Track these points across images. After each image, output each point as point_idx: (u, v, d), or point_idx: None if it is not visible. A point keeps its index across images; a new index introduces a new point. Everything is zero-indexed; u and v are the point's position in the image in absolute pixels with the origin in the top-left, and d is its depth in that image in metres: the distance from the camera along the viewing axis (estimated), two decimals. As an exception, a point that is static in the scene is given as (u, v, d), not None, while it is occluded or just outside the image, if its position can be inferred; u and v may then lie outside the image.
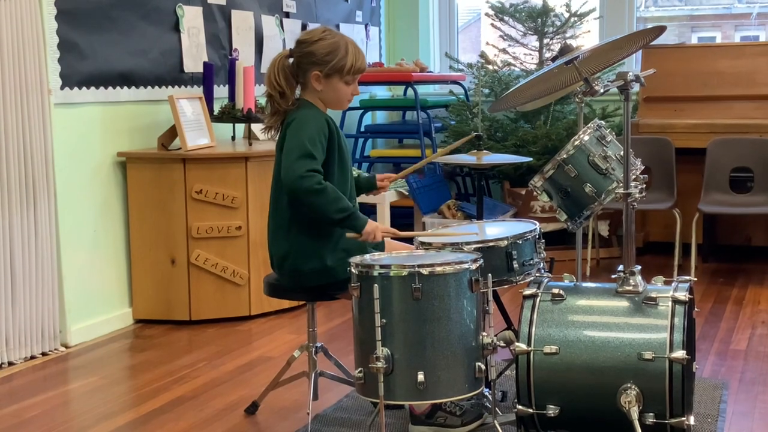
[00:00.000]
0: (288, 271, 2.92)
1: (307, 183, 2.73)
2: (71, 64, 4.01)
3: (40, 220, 3.86)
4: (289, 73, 2.92)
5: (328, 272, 2.87)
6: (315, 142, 2.79)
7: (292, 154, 2.77)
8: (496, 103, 3.21)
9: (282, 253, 2.92)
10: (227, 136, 4.88)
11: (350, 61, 2.89)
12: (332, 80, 2.90)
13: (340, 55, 2.88)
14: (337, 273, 2.84)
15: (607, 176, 2.88)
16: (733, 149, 5.22)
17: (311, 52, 2.90)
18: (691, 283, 2.65)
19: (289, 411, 3.20)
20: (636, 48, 3.05)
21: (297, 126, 2.84)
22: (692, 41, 7.35)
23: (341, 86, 2.92)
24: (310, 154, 2.76)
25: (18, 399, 3.39)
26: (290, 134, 2.83)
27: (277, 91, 2.91)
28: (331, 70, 2.89)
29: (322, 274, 2.87)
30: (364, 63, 2.95)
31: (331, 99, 2.95)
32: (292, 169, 2.74)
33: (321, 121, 2.88)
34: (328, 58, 2.88)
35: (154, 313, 4.40)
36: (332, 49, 2.88)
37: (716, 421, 3.00)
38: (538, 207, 5.55)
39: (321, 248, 2.87)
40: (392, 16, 6.87)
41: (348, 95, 2.96)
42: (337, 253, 2.87)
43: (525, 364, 2.57)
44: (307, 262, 2.87)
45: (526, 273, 2.84)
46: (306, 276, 2.88)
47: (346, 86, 2.93)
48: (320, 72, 2.89)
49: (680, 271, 4.93)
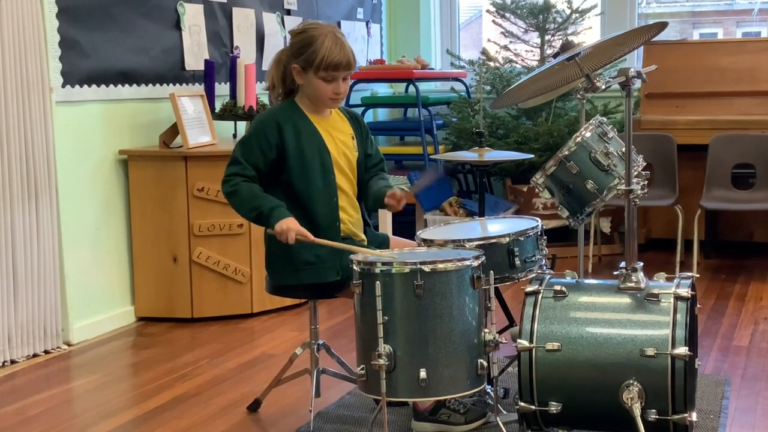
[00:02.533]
0: (282, 270, 2.95)
1: (225, 188, 2.86)
2: (72, 62, 4.01)
3: (42, 218, 3.87)
4: (281, 67, 2.96)
5: (323, 271, 2.87)
6: (249, 145, 2.89)
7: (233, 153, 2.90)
8: (498, 100, 3.21)
9: (273, 250, 2.95)
10: (229, 133, 4.88)
11: (321, 55, 2.82)
12: (309, 74, 2.89)
13: (313, 48, 2.84)
14: (331, 273, 2.86)
15: (609, 173, 2.87)
16: (735, 145, 5.21)
17: (291, 43, 2.94)
18: (693, 279, 2.64)
19: (291, 408, 3.20)
20: (637, 44, 3.04)
21: (250, 126, 2.96)
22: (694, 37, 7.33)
23: (317, 82, 2.87)
24: (236, 160, 2.87)
25: (21, 397, 3.39)
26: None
27: (271, 83, 2.99)
28: (305, 63, 2.87)
29: (318, 272, 2.87)
30: (339, 59, 2.83)
31: (311, 94, 2.93)
32: (225, 174, 2.88)
33: (268, 122, 2.89)
34: (302, 51, 2.88)
35: (156, 310, 4.40)
36: (308, 42, 2.86)
37: (719, 418, 3.00)
38: (539, 204, 5.54)
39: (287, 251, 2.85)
40: (393, 13, 6.87)
41: (328, 92, 2.88)
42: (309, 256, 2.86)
43: (527, 361, 2.56)
44: (296, 261, 2.88)
45: (528, 270, 2.84)
46: (302, 272, 2.89)
47: (324, 83, 2.87)
48: (297, 65, 2.89)
49: (682, 268, 4.93)
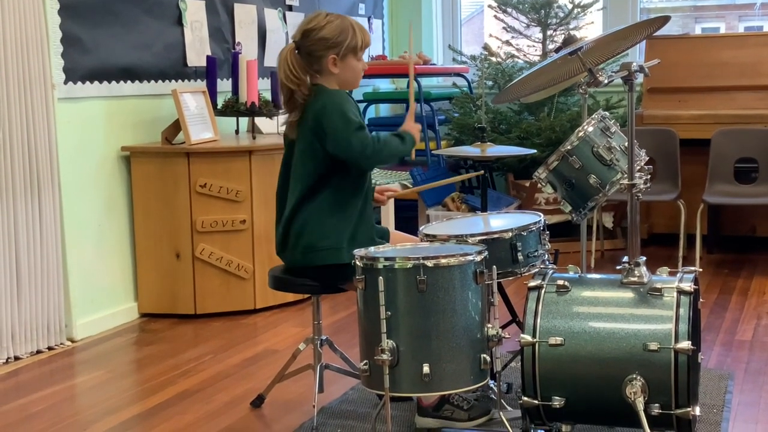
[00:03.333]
0: (302, 248, 2.94)
1: (371, 148, 2.89)
2: (74, 58, 4.01)
3: (45, 214, 3.87)
4: (303, 64, 2.95)
5: (339, 252, 2.89)
6: (357, 115, 2.95)
7: (346, 130, 2.88)
8: (500, 95, 3.21)
9: (296, 231, 2.94)
10: (231, 129, 4.88)
11: (360, 37, 2.98)
12: (347, 60, 2.97)
13: (350, 34, 2.96)
14: (347, 256, 2.86)
15: (612, 167, 2.87)
16: (738, 140, 5.21)
17: (323, 37, 2.93)
18: (696, 273, 2.64)
19: (294, 404, 3.20)
20: (640, 38, 3.04)
21: (334, 106, 2.91)
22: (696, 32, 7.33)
23: (355, 63, 3.01)
24: (360, 125, 2.91)
25: (24, 393, 3.40)
26: (332, 114, 2.90)
27: (296, 84, 2.94)
28: (346, 50, 2.96)
29: (334, 254, 2.89)
30: (369, 37, 3.07)
31: (348, 79, 3.01)
32: (353, 144, 2.88)
33: (350, 99, 3.01)
34: (341, 39, 2.94)
35: (159, 307, 4.40)
36: (342, 30, 2.95)
37: (722, 412, 3.00)
38: (542, 199, 5.54)
39: (336, 229, 2.91)
40: (395, 8, 6.86)
41: (361, 71, 3.05)
42: (349, 235, 2.92)
43: (530, 356, 2.56)
44: (322, 239, 2.90)
45: (530, 265, 2.83)
46: (319, 253, 2.90)
47: (359, 63, 3.02)
48: (336, 55, 2.94)
49: (685, 262, 4.93)
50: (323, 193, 2.93)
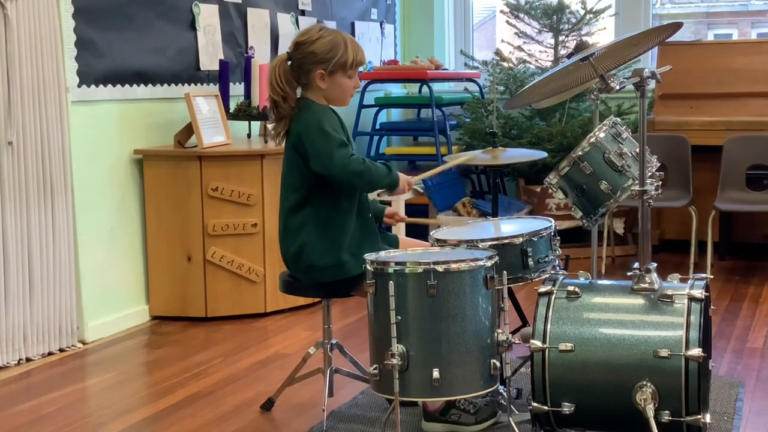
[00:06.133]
0: (304, 268, 2.94)
1: (353, 167, 2.85)
2: (88, 61, 4.03)
3: (58, 217, 3.89)
4: (290, 77, 2.94)
5: (343, 268, 2.89)
6: (338, 132, 2.90)
7: (326, 146, 2.85)
8: (511, 101, 3.21)
9: (294, 251, 2.94)
10: (243, 133, 4.89)
11: (351, 56, 2.94)
12: (336, 77, 2.94)
13: (341, 50, 2.92)
14: (351, 269, 2.87)
15: (623, 173, 2.87)
16: (750, 146, 5.19)
17: (313, 51, 2.92)
18: (707, 280, 2.63)
19: (304, 407, 3.21)
20: (652, 45, 3.04)
21: (315, 123, 2.88)
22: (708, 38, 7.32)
23: (345, 81, 2.97)
24: (342, 142, 2.87)
25: (35, 395, 3.41)
26: (311, 132, 2.88)
27: (281, 95, 2.93)
28: (335, 66, 2.93)
29: (338, 270, 2.89)
30: (363, 55, 3.01)
31: (336, 95, 2.98)
32: (335, 160, 2.84)
33: (333, 115, 2.96)
34: (330, 55, 2.92)
35: (170, 309, 4.42)
36: (333, 46, 2.92)
37: (732, 419, 2.99)
38: (553, 204, 5.54)
39: (335, 244, 2.90)
40: (407, 13, 6.87)
41: (351, 89, 3.00)
42: (351, 248, 2.91)
43: (540, 362, 2.56)
44: (322, 257, 2.89)
45: (541, 270, 2.83)
46: (323, 271, 2.90)
47: (349, 80, 2.98)
48: (324, 70, 2.92)
49: (696, 269, 4.91)
50: (314, 207, 2.92)
